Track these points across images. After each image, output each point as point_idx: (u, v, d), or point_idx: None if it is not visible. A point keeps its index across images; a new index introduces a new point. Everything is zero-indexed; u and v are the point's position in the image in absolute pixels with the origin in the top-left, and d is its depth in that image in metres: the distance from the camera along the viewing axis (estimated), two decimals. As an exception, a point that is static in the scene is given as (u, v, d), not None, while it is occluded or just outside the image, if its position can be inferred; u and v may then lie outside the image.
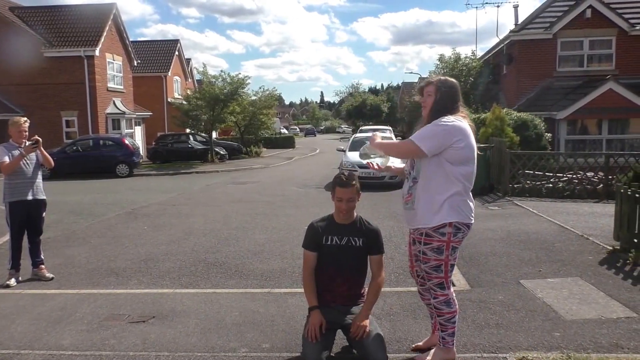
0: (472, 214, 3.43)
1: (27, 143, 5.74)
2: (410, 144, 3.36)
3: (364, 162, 3.77)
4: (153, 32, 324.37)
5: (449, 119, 3.32)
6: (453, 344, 3.55)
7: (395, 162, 3.86)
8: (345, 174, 3.59)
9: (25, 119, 5.97)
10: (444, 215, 3.32)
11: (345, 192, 3.54)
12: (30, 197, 5.82)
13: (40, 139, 5.81)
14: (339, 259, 3.59)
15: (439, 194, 3.33)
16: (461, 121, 3.36)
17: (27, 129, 5.86)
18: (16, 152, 5.70)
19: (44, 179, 6.12)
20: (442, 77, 3.53)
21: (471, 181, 3.42)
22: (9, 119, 6.00)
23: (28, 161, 5.79)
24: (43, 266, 6.04)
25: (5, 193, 5.78)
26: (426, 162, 3.37)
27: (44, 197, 6.02)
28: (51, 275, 5.99)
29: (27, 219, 5.88)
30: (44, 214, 6.10)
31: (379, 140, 3.62)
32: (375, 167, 3.69)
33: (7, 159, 5.63)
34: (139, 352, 3.92)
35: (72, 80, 24.29)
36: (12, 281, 5.76)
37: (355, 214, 3.70)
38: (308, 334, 3.44)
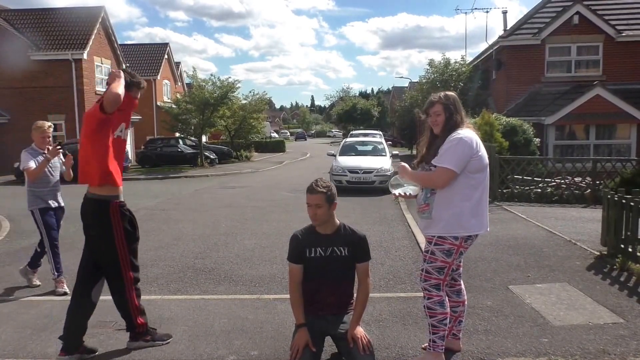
0: (487, 222, 3.58)
1: (50, 147, 5.56)
2: (444, 172, 3.41)
3: (395, 192, 3.72)
4: (140, 35, 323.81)
5: (463, 133, 3.46)
6: (443, 349, 3.56)
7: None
8: (317, 181, 3.54)
9: (50, 123, 5.78)
10: (462, 224, 3.45)
11: (312, 198, 3.48)
12: (55, 204, 5.76)
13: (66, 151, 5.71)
14: (325, 270, 3.54)
15: (459, 203, 3.45)
16: (471, 132, 3.52)
17: (50, 134, 5.70)
18: (41, 158, 5.52)
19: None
20: (443, 94, 3.65)
21: (487, 186, 3.58)
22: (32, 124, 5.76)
23: (51, 167, 5.65)
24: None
25: (31, 201, 5.65)
26: None
27: (63, 204, 5.95)
28: (39, 283, 5.91)
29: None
30: (61, 221, 6.02)
31: (410, 170, 3.67)
32: (408, 195, 3.71)
33: (32, 165, 5.46)
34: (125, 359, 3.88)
35: (60, 83, 24.11)
36: (66, 286, 5.58)
37: (337, 222, 3.64)
38: (291, 354, 3.42)
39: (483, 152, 3.52)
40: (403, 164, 3.80)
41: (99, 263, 3.95)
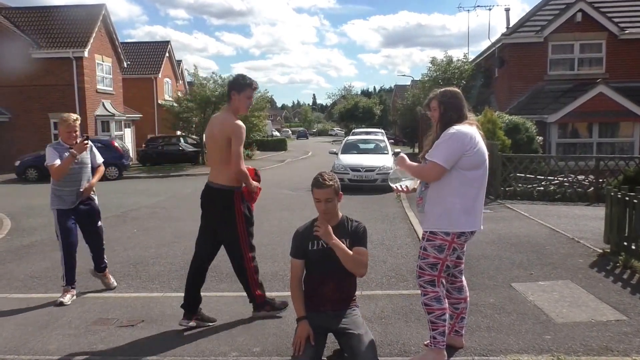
0: (480, 221, 3.53)
1: (78, 140, 5.14)
2: (433, 166, 3.40)
3: (394, 186, 3.72)
4: (141, 34, 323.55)
5: (457, 129, 3.42)
6: (444, 345, 3.54)
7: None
8: (322, 175, 3.52)
9: (76, 116, 5.26)
10: (452, 221, 3.41)
11: (322, 193, 3.47)
12: (80, 206, 5.28)
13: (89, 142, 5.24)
14: (326, 263, 3.52)
15: (450, 199, 3.42)
16: (468, 128, 3.47)
17: (77, 128, 5.20)
18: (67, 154, 5.04)
19: (31, 181, 5.92)
20: (442, 89, 3.65)
21: (483, 184, 3.54)
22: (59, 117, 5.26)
23: (77, 164, 5.16)
24: (107, 271, 5.66)
25: (52, 200, 5.19)
26: None
27: (94, 203, 5.51)
28: (115, 284, 5.66)
29: (81, 228, 5.35)
30: (100, 222, 5.58)
31: (408, 162, 3.64)
32: (405, 189, 3.69)
33: (57, 162, 5.00)
34: (127, 356, 3.87)
35: (61, 81, 24.08)
36: (67, 298, 5.07)
37: (340, 214, 3.64)
38: (294, 346, 3.41)
39: (480, 148, 3.46)
40: (403, 154, 3.80)
41: (225, 245, 4.61)
